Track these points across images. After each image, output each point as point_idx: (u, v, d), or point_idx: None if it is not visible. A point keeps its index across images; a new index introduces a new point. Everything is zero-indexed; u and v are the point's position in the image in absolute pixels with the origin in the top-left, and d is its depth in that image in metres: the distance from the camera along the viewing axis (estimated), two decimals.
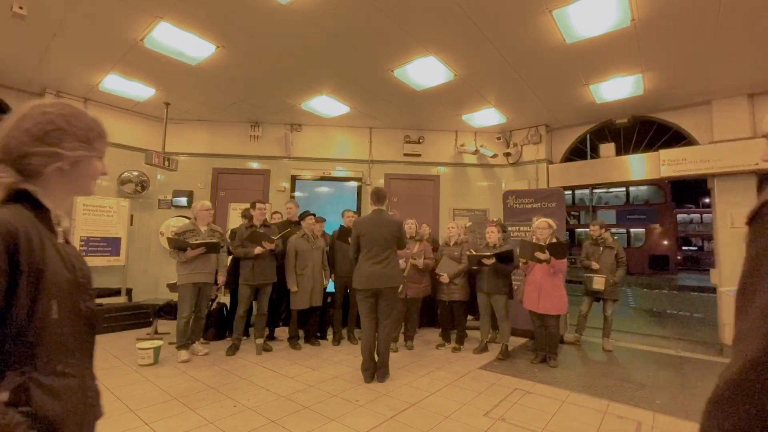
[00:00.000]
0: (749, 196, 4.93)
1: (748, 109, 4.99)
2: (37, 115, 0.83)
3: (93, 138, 0.89)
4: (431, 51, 4.16)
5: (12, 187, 0.80)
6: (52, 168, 0.83)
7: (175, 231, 4.22)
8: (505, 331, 4.48)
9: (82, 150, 0.87)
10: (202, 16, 3.63)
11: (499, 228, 4.63)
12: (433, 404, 3.14)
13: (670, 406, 3.16)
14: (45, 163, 0.82)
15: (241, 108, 6.05)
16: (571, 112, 5.89)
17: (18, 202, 0.80)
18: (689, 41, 3.85)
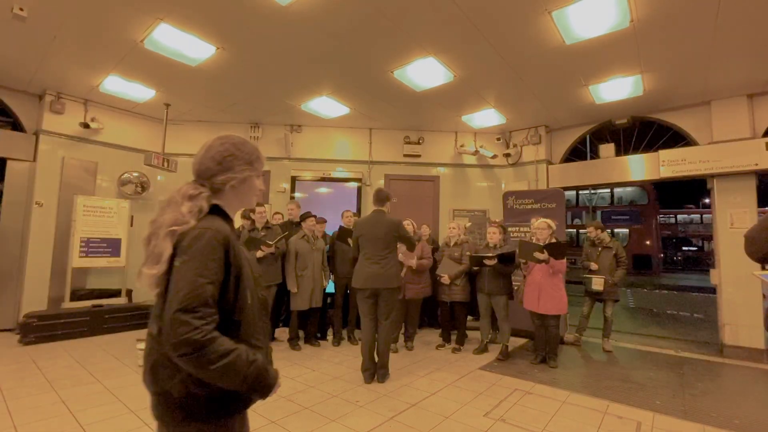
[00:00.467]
0: (749, 196, 4.94)
1: (747, 110, 5.00)
2: (218, 146, 1.13)
3: (254, 160, 1.17)
4: (431, 52, 4.16)
5: (210, 201, 1.08)
6: (228, 185, 1.11)
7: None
8: (505, 331, 4.48)
9: (248, 171, 1.15)
10: (202, 18, 3.64)
11: (500, 229, 4.64)
12: (433, 405, 3.14)
13: (670, 407, 3.16)
14: (225, 182, 1.11)
15: (241, 109, 6.06)
16: (570, 112, 5.90)
17: (212, 214, 1.08)
18: (688, 42, 3.86)
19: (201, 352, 0.90)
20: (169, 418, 0.99)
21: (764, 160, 4.74)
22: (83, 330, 4.96)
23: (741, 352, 4.73)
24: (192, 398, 0.97)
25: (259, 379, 0.98)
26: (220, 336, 0.95)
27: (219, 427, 1.01)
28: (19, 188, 5.37)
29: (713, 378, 3.94)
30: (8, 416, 2.71)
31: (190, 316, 0.91)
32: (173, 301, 0.93)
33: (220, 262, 0.99)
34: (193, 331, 0.90)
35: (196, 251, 0.97)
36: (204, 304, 0.94)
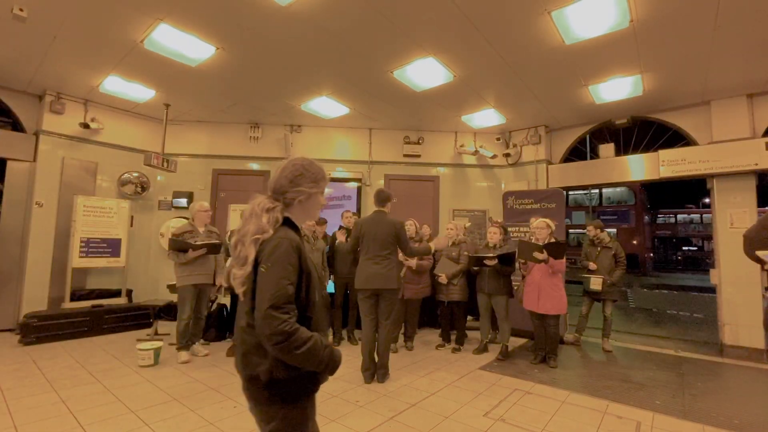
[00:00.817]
0: (748, 196, 4.94)
1: (747, 110, 5.00)
2: (290, 167, 1.32)
3: (319, 179, 1.35)
4: (430, 52, 4.17)
5: (283, 214, 1.28)
6: (297, 200, 1.31)
7: (173, 232, 4.17)
8: (505, 331, 4.48)
9: (314, 188, 1.33)
10: (202, 18, 3.64)
11: (501, 229, 4.64)
12: (432, 405, 3.14)
13: (670, 406, 3.16)
14: (294, 197, 1.30)
15: (240, 109, 6.06)
16: (570, 112, 5.90)
17: (285, 225, 1.27)
18: (688, 42, 3.86)
19: (290, 339, 1.12)
20: (258, 398, 1.23)
21: (764, 160, 4.74)
22: (83, 330, 4.96)
23: (741, 351, 4.73)
24: (276, 381, 1.18)
25: (331, 359, 1.22)
26: (301, 327, 1.17)
27: (296, 406, 1.23)
28: (19, 188, 5.37)
29: (713, 378, 3.94)
30: (8, 416, 2.71)
31: (279, 311, 1.13)
32: (263, 300, 1.14)
33: (295, 266, 1.21)
34: (282, 324, 1.12)
35: (277, 258, 1.18)
36: (288, 302, 1.16)
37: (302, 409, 1.25)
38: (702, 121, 5.35)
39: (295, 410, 1.23)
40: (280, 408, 1.21)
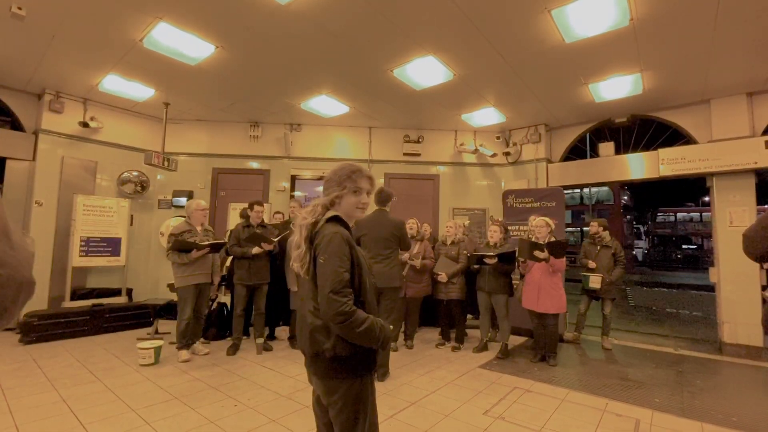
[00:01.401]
0: (748, 194, 4.95)
1: (747, 108, 5.00)
2: (331, 171, 1.59)
3: (343, 181, 1.54)
4: (430, 51, 4.16)
5: (326, 209, 1.52)
6: (336, 201, 1.53)
7: (172, 232, 4.08)
8: (505, 330, 4.49)
9: (338, 190, 1.53)
10: (201, 17, 3.64)
11: (502, 228, 4.64)
12: (432, 403, 3.15)
13: (669, 404, 3.17)
14: (333, 199, 1.53)
15: (240, 108, 6.06)
16: (570, 111, 5.90)
17: (336, 221, 1.47)
18: (688, 40, 3.86)
19: (350, 319, 1.32)
20: (322, 373, 1.41)
21: (763, 159, 4.74)
22: (84, 329, 4.97)
23: (739, 349, 4.74)
24: (338, 358, 1.37)
25: (385, 337, 1.40)
26: (358, 309, 1.37)
27: (357, 381, 1.40)
28: (19, 188, 5.37)
29: (712, 375, 3.95)
30: (9, 415, 2.72)
31: (338, 295, 1.33)
32: (325, 286, 1.34)
33: (348, 256, 1.40)
34: (342, 305, 1.32)
35: (333, 250, 1.38)
36: (345, 287, 1.35)
37: (362, 384, 1.42)
38: (702, 119, 5.35)
39: (356, 384, 1.40)
40: (342, 381, 1.39)
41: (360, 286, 1.45)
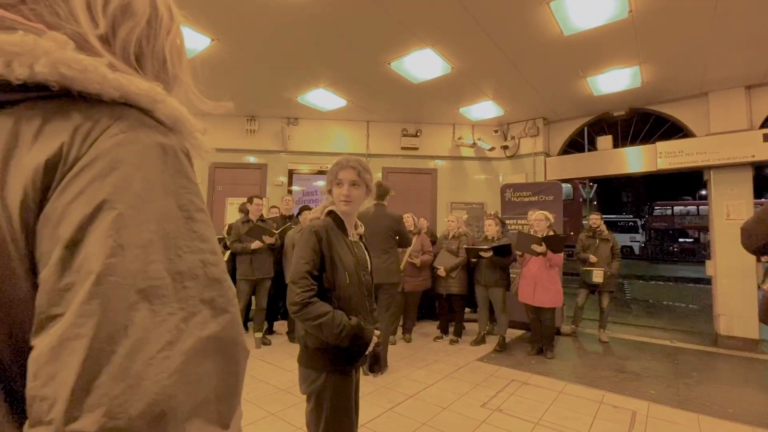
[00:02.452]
0: (745, 188, 4.96)
1: (745, 101, 4.99)
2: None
3: (330, 175, 1.60)
4: (428, 43, 4.13)
5: (327, 207, 1.58)
6: (330, 196, 1.59)
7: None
8: (503, 323, 4.52)
9: (327, 186, 1.61)
10: (196, 9, 3.58)
11: (497, 221, 4.65)
12: (431, 396, 3.17)
13: (665, 396, 3.20)
14: (329, 193, 1.60)
15: (237, 102, 6.00)
16: (568, 104, 5.88)
17: (330, 214, 1.56)
18: (686, 33, 3.84)
19: (303, 310, 1.35)
20: (299, 359, 1.48)
21: (761, 152, 4.75)
22: None
23: (735, 342, 4.78)
24: (307, 348, 1.43)
25: (351, 339, 1.37)
26: (318, 302, 1.38)
27: (320, 375, 1.40)
28: None
29: (708, 368, 3.98)
30: None
31: (296, 286, 1.38)
32: (288, 276, 1.47)
33: (313, 249, 1.42)
34: (296, 296, 1.36)
35: (300, 241, 1.45)
36: (302, 278, 1.38)
37: (326, 381, 1.40)
38: (700, 112, 5.34)
39: (319, 379, 1.40)
40: (309, 372, 1.43)
41: (333, 282, 1.45)
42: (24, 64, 0.32)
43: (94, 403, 0.27)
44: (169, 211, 0.35)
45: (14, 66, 0.32)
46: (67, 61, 0.34)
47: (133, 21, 0.44)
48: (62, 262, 0.30)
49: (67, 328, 0.29)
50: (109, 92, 0.36)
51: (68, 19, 0.39)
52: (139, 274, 0.31)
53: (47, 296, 0.30)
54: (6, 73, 0.32)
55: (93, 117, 0.35)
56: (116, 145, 0.34)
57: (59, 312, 0.29)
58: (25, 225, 0.31)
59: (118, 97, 0.36)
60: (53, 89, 0.34)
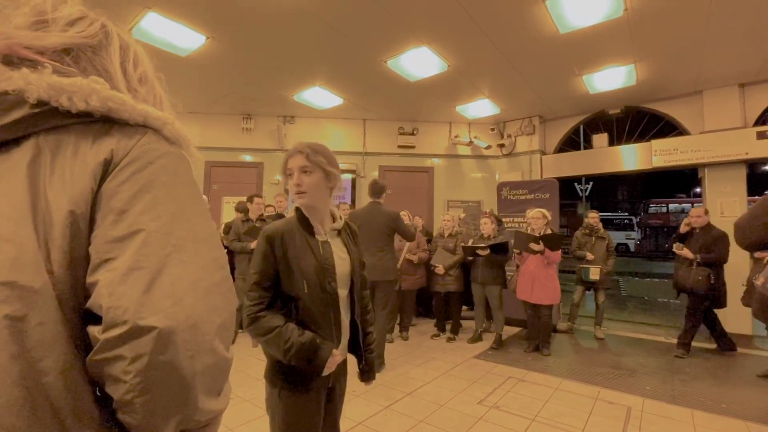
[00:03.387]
0: (739, 185, 5.00)
1: (738, 99, 5.03)
2: None
3: (281, 172, 1.39)
4: (424, 42, 4.13)
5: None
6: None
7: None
8: (499, 320, 4.53)
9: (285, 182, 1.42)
10: (191, 6, 3.56)
11: (493, 219, 4.67)
12: (428, 393, 3.18)
13: (660, 392, 3.23)
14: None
15: (233, 100, 5.98)
16: (564, 102, 5.90)
17: (296, 212, 1.36)
18: (681, 31, 3.86)
19: (251, 325, 1.24)
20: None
21: (755, 150, 4.79)
22: None
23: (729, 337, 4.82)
24: (268, 360, 1.32)
25: (300, 356, 1.19)
26: (267, 315, 1.24)
27: (273, 390, 1.28)
28: None
29: (702, 363, 4.02)
30: None
31: (246, 298, 1.26)
32: None
33: (264, 255, 1.27)
34: (245, 310, 1.26)
35: (256, 248, 1.32)
36: (250, 290, 1.27)
37: (278, 397, 1.27)
38: (694, 110, 5.38)
39: (273, 393, 1.29)
40: (267, 386, 1.32)
41: (292, 289, 1.27)
42: (81, 99, 0.49)
43: (154, 310, 0.42)
44: (186, 195, 0.52)
45: (75, 100, 0.48)
46: (112, 97, 0.51)
47: (141, 67, 0.65)
48: (114, 224, 0.45)
49: (132, 263, 0.43)
50: (136, 119, 0.53)
51: (102, 72, 0.58)
52: (171, 235, 0.47)
53: (103, 246, 0.44)
54: (69, 105, 0.48)
55: (127, 134, 0.52)
56: (147, 151, 0.51)
57: (112, 256, 0.44)
58: (90, 204, 0.46)
59: (141, 122, 0.53)
60: (96, 116, 0.51)
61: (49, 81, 0.48)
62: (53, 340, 0.42)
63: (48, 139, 0.48)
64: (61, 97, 0.48)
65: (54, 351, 0.42)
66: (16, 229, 0.42)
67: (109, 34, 0.60)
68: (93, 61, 0.58)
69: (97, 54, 0.58)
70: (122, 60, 0.61)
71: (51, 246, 0.44)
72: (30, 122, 0.48)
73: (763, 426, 2.66)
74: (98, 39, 0.59)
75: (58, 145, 0.48)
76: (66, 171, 0.47)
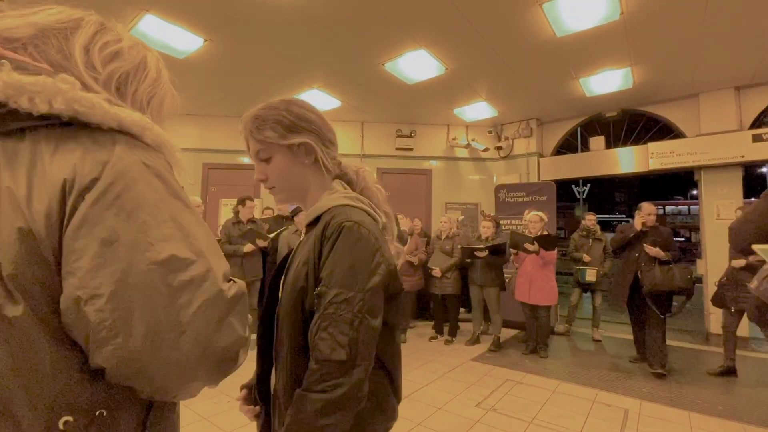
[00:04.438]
0: (735, 188, 5.02)
1: (734, 102, 5.06)
2: None
3: None
4: (422, 44, 4.14)
5: None
6: None
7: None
8: (497, 323, 4.54)
9: None
10: (189, 9, 3.57)
11: (494, 223, 4.68)
12: (426, 396, 3.17)
13: (657, 394, 3.24)
14: None
15: (230, 102, 5.98)
16: (561, 105, 5.92)
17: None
18: (677, 34, 3.89)
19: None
20: None
21: (750, 152, 4.81)
22: None
23: None
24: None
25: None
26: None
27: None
28: None
29: (699, 365, 4.03)
30: None
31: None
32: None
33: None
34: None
35: None
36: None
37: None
38: (691, 113, 5.41)
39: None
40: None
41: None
42: (44, 101, 0.43)
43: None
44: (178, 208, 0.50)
45: (36, 101, 0.43)
46: (79, 99, 0.45)
47: (119, 63, 0.58)
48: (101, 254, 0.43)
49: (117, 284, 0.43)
50: (109, 123, 0.48)
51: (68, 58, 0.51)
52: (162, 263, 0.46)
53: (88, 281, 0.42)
54: (30, 107, 0.43)
55: (98, 141, 0.46)
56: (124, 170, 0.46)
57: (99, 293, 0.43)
58: (49, 225, 0.42)
59: (115, 126, 0.48)
60: (63, 119, 0.45)
61: (6, 79, 0.42)
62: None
63: (5, 145, 0.43)
64: (20, 98, 0.43)
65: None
66: None
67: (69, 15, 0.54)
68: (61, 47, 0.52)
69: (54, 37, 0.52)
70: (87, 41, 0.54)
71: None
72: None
73: (760, 428, 2.67)
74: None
75: (15, 152, 0.43)
76: (20, 185, 0.42)
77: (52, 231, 0.42)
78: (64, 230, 0.43)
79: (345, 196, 0.90)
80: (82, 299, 0.42)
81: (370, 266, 0.78)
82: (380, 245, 0.82)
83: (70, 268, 0.42)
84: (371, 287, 0.76)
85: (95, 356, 0.44)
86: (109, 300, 0.43)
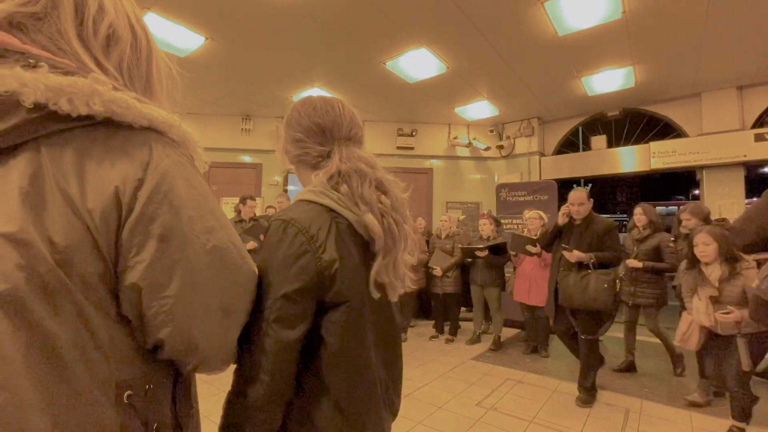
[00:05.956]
0: (737, 187, 5.01)
1: (736, 101, 5.05)
2: None
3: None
4: (423, 43, 4.13)
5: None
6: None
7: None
8: (498, 322, 4.53)
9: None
10: (190, 7, 3.57)
11: (491, 220, 4.67)
12: (426, 395, 3.17)
13: (657, 393, 3.23)
14: None
15: (231, 101, 5.98)
16: (563, 104, 5.91)
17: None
18: (679, 33, 3.87)
19: None
20: None
21: (752, 152, 4.80)
22: None
23: None
24: None
25: None
26: None
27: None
28: None
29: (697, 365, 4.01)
30: None
31: None
32: None
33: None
34: None
35: None
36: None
37: None
38: (692, 113, 5.39)
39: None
40: None
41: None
42: (83, 102, 0.45)
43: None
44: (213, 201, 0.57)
45: (76, 103, 0.44)
46: (116, 100, 0.47)
47: (119, 47, 0.56)
48: (159, 249, 0.48)
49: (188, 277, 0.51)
50: (140, 122, 0.50)
51: (66, 47, 0.51)
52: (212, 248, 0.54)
53: (150, 271, 0.48)
54: (70, 109, 0.44)
55: (134, 140, 0.49)
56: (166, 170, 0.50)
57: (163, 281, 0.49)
58: (105, 222, 0.45)
59: (146, 124, 0.50)
60: (97, 119, 0.46)
61: (46, 82, 0.42)
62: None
63: (48, 148, 0.44)
64: (60, 99, 0.43)
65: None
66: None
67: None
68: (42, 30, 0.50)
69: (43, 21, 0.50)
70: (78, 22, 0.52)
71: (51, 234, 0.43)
72: (26, 129, 0.42)
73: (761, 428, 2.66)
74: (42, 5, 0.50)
75: (62, 155, 0.44)
76: (72, 186, 0.44)
77: (109, 228, 0.46)
78: (121, 228, 0.47)
79: (309, 191, 0.84)
80: (143, 289, 0.48)
81: (288, 270, 0.69)
82: (312, 247, 0.71)
83: (130, 263, 0.47)
84: (285, 294, 0.68)
85: (155, 335, 0.51)
86: (168, 289, 0.49)
